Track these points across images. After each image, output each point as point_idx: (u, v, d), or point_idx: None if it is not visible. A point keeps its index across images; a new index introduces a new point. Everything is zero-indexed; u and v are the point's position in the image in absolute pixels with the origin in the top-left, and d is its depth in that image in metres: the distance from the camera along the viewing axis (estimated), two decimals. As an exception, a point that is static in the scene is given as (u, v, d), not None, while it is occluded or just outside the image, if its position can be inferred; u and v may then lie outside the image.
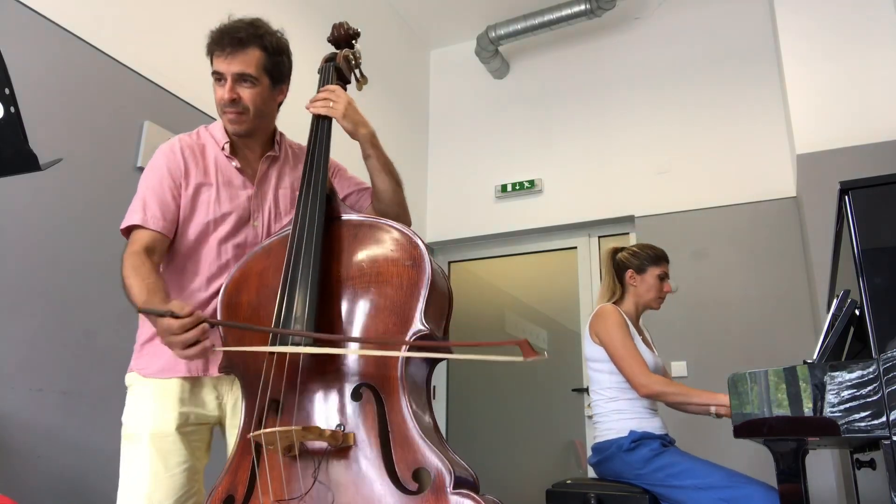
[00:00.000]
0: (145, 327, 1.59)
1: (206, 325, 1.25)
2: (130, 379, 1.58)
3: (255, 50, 1.56)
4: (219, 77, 1.58)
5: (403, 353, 1.28)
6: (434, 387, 4.59)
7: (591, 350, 2.48)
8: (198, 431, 1.55)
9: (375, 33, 4.44)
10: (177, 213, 1.58)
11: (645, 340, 2.52)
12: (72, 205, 2.37)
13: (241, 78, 1.56)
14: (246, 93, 1.57)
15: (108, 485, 1.57)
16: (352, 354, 1.32)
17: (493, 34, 4.51)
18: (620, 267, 2.58)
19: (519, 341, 1.16)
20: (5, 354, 2.11)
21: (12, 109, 1.02)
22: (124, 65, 2.63)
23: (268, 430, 1.24)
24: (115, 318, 2.33)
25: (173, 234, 1.58)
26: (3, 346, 2.11)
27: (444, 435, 1.38)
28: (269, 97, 1.63)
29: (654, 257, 2.55)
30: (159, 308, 1.26)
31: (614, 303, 2.54)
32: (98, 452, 2.25)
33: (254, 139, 1.68)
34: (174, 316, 1.23)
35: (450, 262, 4.89)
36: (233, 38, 1.55)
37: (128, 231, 1.55)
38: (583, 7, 4.26)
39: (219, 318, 1.50)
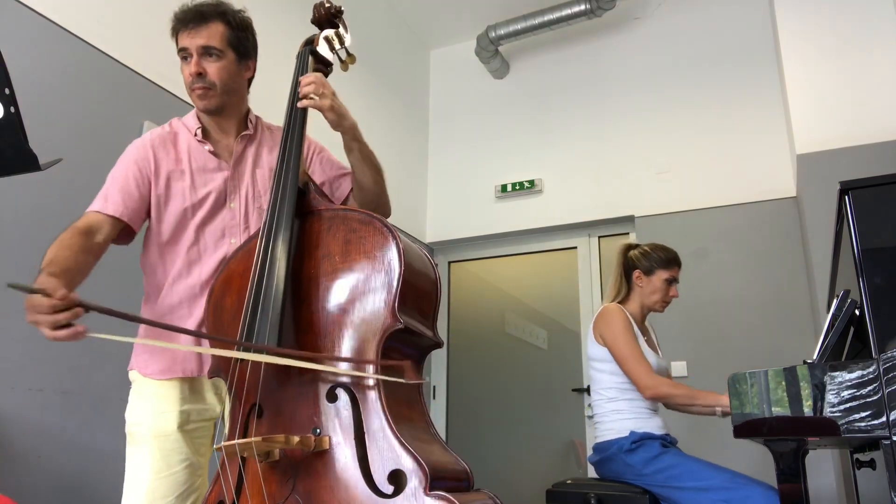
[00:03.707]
0: (144, 325, 1.58)
1: (79, 309, 1.22)
2: (132, 376, 1.59)
3: (218, 24, 1.58)
4: (185, 55, 1.59)
5: (361, 373, 1.26)
6: (434, 387, 4.59)
7: (594, 350, 2.46)
8: (201, 428, 1.56)
9: (375, 33, 4.44)
10: (140, 203, 1.57)
11: (650, 341, 2.50)
12: (72, 205, 2.36)
13: (206, 52, 1.57)
14: (212, 67, 1.58)
15: (108, 485, 1.57)
16: (311, 365, 1.27)
17: (493, 34, 4.51)
18: (630, 265, 2.54)
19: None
20: (5, 354, 2.11)
21: (12, 109, 1.02)
22: (124, 65, 2.63)
23: (227, 443, 1.23)
24: (115, 317, 2.32)
25: (136, 223, 1.57)
26: (4, 346, 2.11)
27: (441, 434, 1.36)
28: (235, 72, 1.63)
29: (665, 260, 2.49)
30: (30, 285, 1.22)
31: (619, 302, 2.52)
32: (98, 452, 2.26)
33: (226, 119, 1.67)
34: (45, 294, 1.19)
35: (450, 262, 4.89)
36: (196, 13, 1.58)
37: None
38: (583, 7, 4.26)
39: (208, 320, 1.48)
